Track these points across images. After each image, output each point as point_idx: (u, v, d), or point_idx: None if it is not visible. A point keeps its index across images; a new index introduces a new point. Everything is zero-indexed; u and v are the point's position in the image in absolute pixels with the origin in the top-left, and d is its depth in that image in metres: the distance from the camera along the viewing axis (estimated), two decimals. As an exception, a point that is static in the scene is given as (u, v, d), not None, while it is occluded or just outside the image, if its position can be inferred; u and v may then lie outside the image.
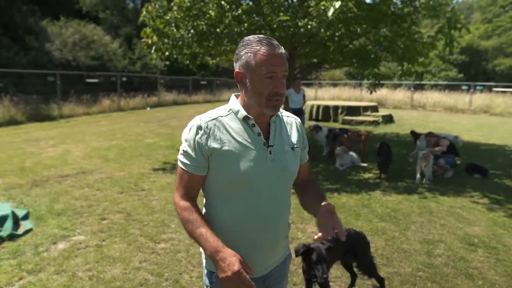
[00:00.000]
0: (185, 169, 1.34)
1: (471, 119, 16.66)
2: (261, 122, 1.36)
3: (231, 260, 1.18)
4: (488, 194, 5.50)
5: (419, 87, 24.56)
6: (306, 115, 12.96)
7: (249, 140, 1.32)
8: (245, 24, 7.38)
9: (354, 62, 8.99)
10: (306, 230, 4.03)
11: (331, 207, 1.27)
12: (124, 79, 19.24)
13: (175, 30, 7.42)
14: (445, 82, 28.10)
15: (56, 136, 10.02)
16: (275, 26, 7.54)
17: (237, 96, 1.40)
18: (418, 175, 6.18)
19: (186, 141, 1.34)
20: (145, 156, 7.68)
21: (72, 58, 22.39)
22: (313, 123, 12.09)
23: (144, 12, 7.91)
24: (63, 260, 3.27)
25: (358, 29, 8.37)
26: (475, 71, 37.03)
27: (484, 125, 14.21)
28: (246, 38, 1.31)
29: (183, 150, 1.36)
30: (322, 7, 6.26)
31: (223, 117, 1.35)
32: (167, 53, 7.81)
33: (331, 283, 2.75)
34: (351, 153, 7.27)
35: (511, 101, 19.29)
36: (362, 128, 11.14)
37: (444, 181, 6.26)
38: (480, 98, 20.42)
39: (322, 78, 31.95)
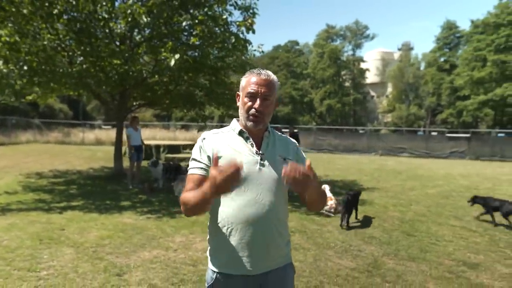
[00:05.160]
0: (192, 172, 1.54)
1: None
2: (255, 136, 1.57)
3: (211, 174, 1.30)
4: (292, 202, 7.56)
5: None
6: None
7: (243, 148, 1.54)
8: (83, 65, 7.60)
9: (182, 105, 10.30)
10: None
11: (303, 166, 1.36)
12: None
13: (1, 63, 6.92)
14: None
15: None
16: (108, 69, 8.12)
17: (238, 120, 1.63)
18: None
19: (193, 150, 1.60)
20: (-43, 203, 6.60)
21: None
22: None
23: None
24: None
25: (185, 77, 9.78)
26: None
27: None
28: (250, 70, 1.60)
29: (191, 159, 1.59)
30: (163, 57, 7.34)
31: (224, 133, 1.61)
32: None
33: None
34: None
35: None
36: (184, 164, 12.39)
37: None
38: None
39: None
